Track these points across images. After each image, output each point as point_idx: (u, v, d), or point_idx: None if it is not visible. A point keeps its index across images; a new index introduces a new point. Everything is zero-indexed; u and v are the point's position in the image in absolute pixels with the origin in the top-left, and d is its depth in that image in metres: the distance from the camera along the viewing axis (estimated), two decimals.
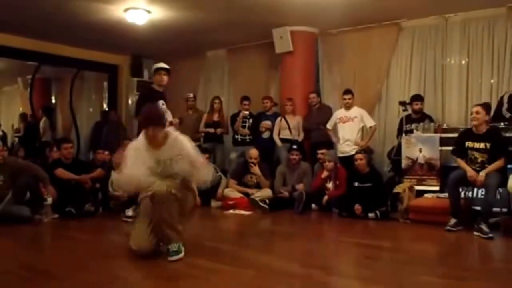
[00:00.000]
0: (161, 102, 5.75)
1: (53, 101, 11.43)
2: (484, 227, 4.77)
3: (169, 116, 5.68)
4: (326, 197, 6.48)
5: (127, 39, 8.43)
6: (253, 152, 7.10)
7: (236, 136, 7.99)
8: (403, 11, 7.00)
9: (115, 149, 6.87)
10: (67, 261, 3.81)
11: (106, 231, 5.53)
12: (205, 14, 7.07)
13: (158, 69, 5.94)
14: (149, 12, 6.93)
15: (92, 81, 10.97)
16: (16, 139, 10.48)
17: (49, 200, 5.70)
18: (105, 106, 10.55)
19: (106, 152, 7.09)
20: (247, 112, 7.85)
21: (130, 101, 10.01)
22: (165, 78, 5.92)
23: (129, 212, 5.80)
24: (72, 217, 5.85)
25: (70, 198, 6.00)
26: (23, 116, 10.62)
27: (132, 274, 3.43)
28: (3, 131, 10.54)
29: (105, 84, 10.49)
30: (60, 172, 6.19)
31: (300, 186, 6.87)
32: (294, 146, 7.11)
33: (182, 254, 3.72)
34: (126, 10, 6.84)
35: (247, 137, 7.89)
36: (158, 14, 7.06)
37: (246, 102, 7.92)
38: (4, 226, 5.23)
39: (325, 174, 6.61)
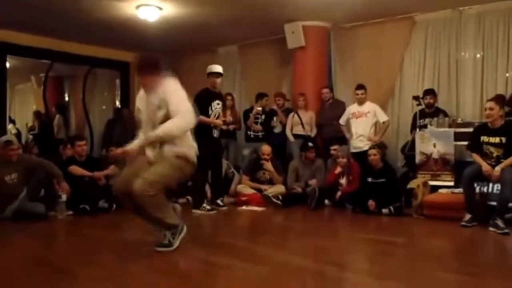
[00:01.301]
0: (216, 102, 6.27)
1: (66, 98, 11.52)
2: (499, 222, 4.71)
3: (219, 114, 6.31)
4: (339, 193, 6.45)
5: (139, 36, 8.45)
6: (266, 148, 7.08)
7: (248, 133, 7.96)
8: (417, 5, 6.94)
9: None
10: (80, 257, 3.83)
11: (120, 228, 5.55)
12: (216, 10, 7.06)
13: (211, 73, 6.29)
14: (160, 8, 6.94)
15: (104, 79, 11.03)
16: (31, 136, 10.57)
17: (64, 197, 5.74)
18: (117, 103, 10.60)
19: (119, 149, 7.10)
20: (260, 108, 7.82)
21: None
22: (218, 80, 6.32)
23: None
24: (86, 213, 5.90)
25: (84, 195, 6.04)
26: (37, 114, 10.73)
27: (146, 270, 3.44)
28: (17, 129, 10.65)
29: (118, 81, 10.53)
30: (74, 169, 6.22)
31: (313, 182, 6.84)
32: (310, 144, 7.06)
33: (170, 248, 3.78)
34: (138, 7, 6.86)
35: (260, 133, 7.87)
36: (170, 10, 7.06)
37: (266, 98, 7.91)
38: (19, 222, 5.30)
39: (338, 170, 6.57)
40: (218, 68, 6.36)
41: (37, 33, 8.31)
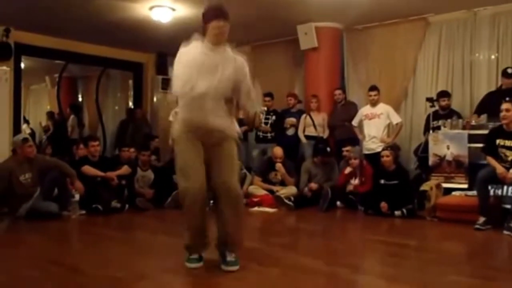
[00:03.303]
0: None
1: (80, 99, 11.61)
2: None
3: None
4: (351, 187, 6.46)
5: (152, 37, 8.48)
6: (278, 151, 7.06)
7: (258, 133, 7.97)
8: (431, 6, 6.88)
9: (140, 146, 7.00)
10: (93, 257, 3.86)
11: (133, 228, 5.58)
12: (229, 11, 7.05)
13: None
14: (173, 9, 6.96)
15: (117, 79, 11.09)
16: (44, 136, 10.66)
17: (77, 196, 5.78)
18: (130, 104, 10.64)
19: (132, 150, 7.16)
20: (265, 108, 7.83)
21: (155, 99, 10.09)
22: None
23: None
24: (99, 213, 5.93)
25: (97, 195, 6.07)
26: (50, 114, 10.83)
27: (158, 271, 3.45)
28: (31, 129, 10.75)
29: (131, 82, 10.58)
30: (87, 169, 6.26)
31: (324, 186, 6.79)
32: (328, 149, 6.99)
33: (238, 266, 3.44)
34: (151, 8, 6.89)
35: (269, 134, 7.86)
36: (183, 11, 7.08)
37: (267, 98, 7.92)
38: (33, 222, 5.36)
39: (348, 170, 6.54)
40: None
41: (51, 34, 8.37)
